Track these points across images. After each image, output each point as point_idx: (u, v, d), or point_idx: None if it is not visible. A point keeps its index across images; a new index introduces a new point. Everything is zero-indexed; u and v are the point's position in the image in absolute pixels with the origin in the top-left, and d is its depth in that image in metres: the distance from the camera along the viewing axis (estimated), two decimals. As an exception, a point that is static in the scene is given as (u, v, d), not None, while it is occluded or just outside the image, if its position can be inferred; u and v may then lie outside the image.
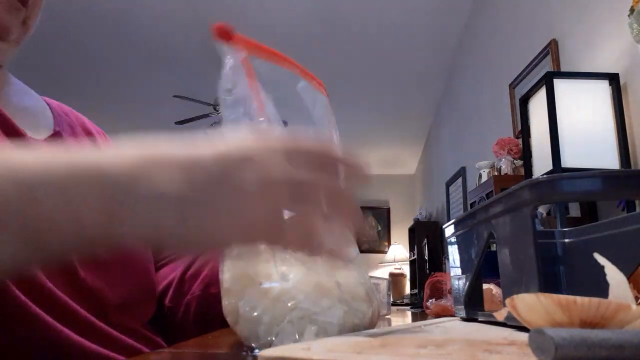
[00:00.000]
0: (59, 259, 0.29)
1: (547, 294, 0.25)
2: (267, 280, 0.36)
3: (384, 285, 1.02)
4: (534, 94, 1.96)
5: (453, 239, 0.58)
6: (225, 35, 0.34)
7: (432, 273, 1.13)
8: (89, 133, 0.62)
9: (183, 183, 0.28)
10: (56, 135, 0.54)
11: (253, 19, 3.87)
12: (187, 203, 0.28)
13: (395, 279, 4.74)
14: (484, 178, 2.76)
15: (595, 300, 0.24)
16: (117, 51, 4.26)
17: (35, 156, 0.27)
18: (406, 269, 5.32)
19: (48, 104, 0.60)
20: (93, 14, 3.78)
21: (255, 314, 0.34)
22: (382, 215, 6.31)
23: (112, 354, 0.44)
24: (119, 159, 0.28)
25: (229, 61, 0.35)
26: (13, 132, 0.47)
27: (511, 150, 2.57)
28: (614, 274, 0.29)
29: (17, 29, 0.51)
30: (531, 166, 1.99)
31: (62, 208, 0.25)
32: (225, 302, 0.37)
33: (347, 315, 0.35)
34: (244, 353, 0.33)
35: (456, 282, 0.57)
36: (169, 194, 0.27)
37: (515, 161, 2.55)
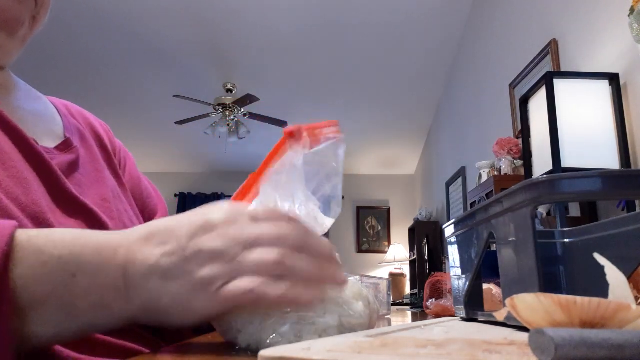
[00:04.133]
0: (86, 332, 0.34)
1: (547, 294, 0.25)
2: None
3: (384, 285, 1.02)
4: (534, 94, 1.96)
5: (453, 239, 0.58)
6: (297, 135, 0.38)
7: (432, 273, 1.13)
8: (95, 132, 0.61)
9: (170, 258, 0.33)
10: (67, 142, 0.53)
11: (251, 19, 3.87)
12: (177, 273, 0.33)
13: (395, 279, 4.74)
14: (484, 178, 2.76)
15: (595, 300, 0.24)
16: (117, 51, 4.26)
17: (73, 237, 0.33)
18: (406, 269, 5.32)
19: (54, 105, 0.59)
20: (93, 14, 3.78)
21: (252, 322, 0.35)
22: (382, 215, 6.31)
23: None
24: (124, 241, 0.34)
25: (298, 157, 0.38)
26: (23, 142, 0.46)
27: (511, 150, 2.57)
28: (614, 274, 0.29)
29: (26, 24, 0.50)
30: (531, 166, 1.99)
31: (93, 287, 0.32)
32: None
33: (344, 317, 0.36)
34: (243, 353, 0.33)
35: (456, 282, 0.57)
36: (153, 261, 0.33)
37: (515, 161, 2.55)
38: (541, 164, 1.87)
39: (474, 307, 0.52)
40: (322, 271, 0.35)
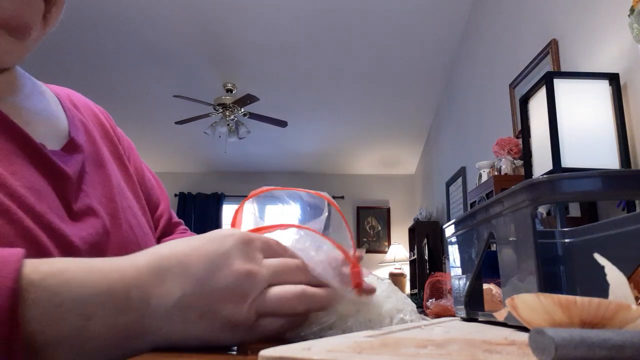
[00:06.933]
0: None
1: (547, 294, 0.25)
2: None
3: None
4: (534, 94, 1.96)
5: (453, 239, 0.58)
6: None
7: (432, 273, 1.13)
8: (100, 122, 0.61)
9: (190, 298, 0.33)
10: (73, 143, 0.52)
11: (252, 19, 3.87)
12: (200, 313, 0.33)
13: (395, 279, 4.74)
14: (484, 178, 2.76)
15: (595, 300, 0.24)
16: (117, 51, 4.26)
17: (85, 274, 0.31)
18: (406, 269, 5.32)
19: (57, 96, 0.58)
20: (93, 14, 3.78)
21: None
22: (382, 215, 6.31)
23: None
24: (137, 279, 0.33)
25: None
26: (31, 149, 0.45)
27: (511, 150, 2.57)
28: (614, 274, 0.29)
29: (37, 26, 0.47)
30: (531, 166, 1.99)
31: (108, 330, 0.31)
32: None
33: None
34: (243, 353, 0.33)
35: (456, 282, 0.57)
36: (171, 303, 0.33)
37: (515, 161, 2.55)
38: (541, 164, 1.87)
39: (474, 307, 0.52)
40: (331, 295, 0.38)
